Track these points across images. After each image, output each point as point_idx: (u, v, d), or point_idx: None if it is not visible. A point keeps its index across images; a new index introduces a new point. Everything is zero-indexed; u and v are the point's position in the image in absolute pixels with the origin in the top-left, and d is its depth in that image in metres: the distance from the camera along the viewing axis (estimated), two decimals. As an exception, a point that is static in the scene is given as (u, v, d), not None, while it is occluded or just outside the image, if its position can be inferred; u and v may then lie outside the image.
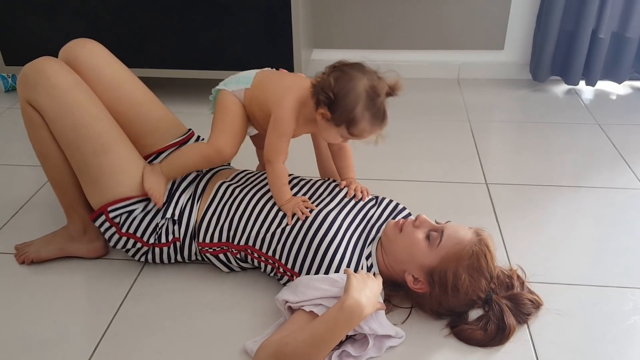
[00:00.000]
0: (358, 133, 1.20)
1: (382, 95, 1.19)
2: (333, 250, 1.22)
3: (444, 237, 1.20)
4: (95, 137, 1.31)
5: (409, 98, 2.43)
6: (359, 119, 1.17)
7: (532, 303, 1.25)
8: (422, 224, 1.24)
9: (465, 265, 1.17)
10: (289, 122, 1.27)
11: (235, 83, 1.36)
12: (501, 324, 1.19)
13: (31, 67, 1.31)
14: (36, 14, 2.20)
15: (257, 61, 2.21)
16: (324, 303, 1.14)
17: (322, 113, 1.20)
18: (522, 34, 2.52)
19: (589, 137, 2.09)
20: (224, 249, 1.35)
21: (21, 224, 1.63)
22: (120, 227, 1.35)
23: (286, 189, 1.32)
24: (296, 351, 1.07)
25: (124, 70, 1.45)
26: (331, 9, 2.49)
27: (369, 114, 1.18)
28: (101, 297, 1.36)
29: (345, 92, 1.16)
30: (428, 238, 1.21)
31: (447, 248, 1.19)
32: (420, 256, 1.21)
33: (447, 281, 1.18)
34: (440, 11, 2.46)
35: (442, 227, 1.22)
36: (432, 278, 1.20)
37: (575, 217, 1.64)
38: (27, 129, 1.36)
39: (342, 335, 1.10)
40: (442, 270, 1.18)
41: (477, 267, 1.18)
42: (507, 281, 1.29)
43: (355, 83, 1.16)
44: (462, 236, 1.20)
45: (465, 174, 1.86)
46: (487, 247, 1.19)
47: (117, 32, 2.14)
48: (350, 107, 1.16)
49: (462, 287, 1.18)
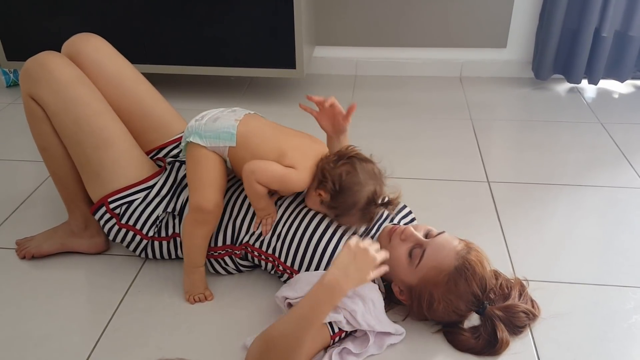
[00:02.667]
0: (342, 222, 1.25)
1: (378, 204, 1.22)
2: (332, 247, 1.22)
3: (424, 257, 1.17)
4: (96, 132, 1.31)
5: (412, 96, 2.44)
6: (350, 215, 1.22)
7: (526, 315, 1.22)
8: (407, 238, 1.21)
9: (441, 291, 1.16)
10: (302, 182, 1.24)
11: (215, 138, 1.23)
12: (492, 339, 1.17)
13: (34, 61, 1.31)
14: (38, 9, 2.19)
15: (259, 58, 2.21)
16: None
17: (320, 195, 1.22)
18: (525, 32, 2.51)
19: (591, 136, 2.08)
20: (228, 252, 1.35)
21: (22, 219, 1.63)
22: (120, 219, 1.35)
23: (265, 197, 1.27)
24: (282, 332, 1.07)
25: (126, 66, 1.44)
26: (334, 6, 2.49)
27: (360, 215, 1.22)
28: (102, 293, 1.36)
29: (350, 192, 1.19)
30: (410, 254, 1.20)
31: (426, 270, 1.17)
32: (400, 272, 1.20)
33: (422, 301, 1.18)
34: (443, 9, 2.46)
35: (426, 243, 1.19)
36: (412, 294, 1.21)
37: (577, 215, 1.63)
38: (29, 122, 1.36)
39: (325, 311, 1.07)
40: (419, 290, 1.18)
41: (454, 291, 1.15)
42: (506, 291, 1.28)
43: (362, 187, 1.19)
44: (442, 258, 1.16)
45: (467, 172, 1.86)
46: (468, 270, 1.14)
47: (120, 28, 2.14)
48: (349, 204, 1.20)
49: (437, 308, 1.17)
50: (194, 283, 1.33)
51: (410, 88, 2.52)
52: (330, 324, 1.14)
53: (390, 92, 2.48)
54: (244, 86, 2.52)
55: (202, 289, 1.33)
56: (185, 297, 1.33)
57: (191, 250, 1.31)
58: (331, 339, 1.15)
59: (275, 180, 1.22)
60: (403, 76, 2.63)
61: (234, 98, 2.39)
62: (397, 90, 2.50)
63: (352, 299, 1.14)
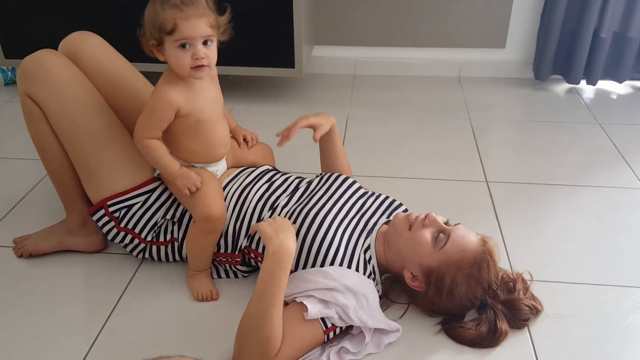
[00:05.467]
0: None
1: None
2: (327, 245, 1.22)
3: (449, 241, 1.19)
4: (94, 132, 1.30)
5: (410, 96, 2.44)
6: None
7: (529, 309, 1.24)
8: (431, 223, 1.23)
9: (464, 273, 1.17)
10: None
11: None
12: (493, 327, 1.19)
13: (31, 60, 1.30)
14: (36, 7, 2.19)
15: (258, 57, 2.21)
16: (315, 294, 1.14)
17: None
18: (523, 32, 2.52)
19: (589, 137, 2.08)
20: (229, 260, 1.35)
21: (20, 217, 1.63)
22: (119, 222, 1.35)
23: (168, 159, 1.25)
24: (248, 313, 1.11)
25: (124, 63, 1.44)
26: (333, 6, 2.49)
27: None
28: (99, 292, 1.36)
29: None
30: (434, 238, 1.21)
31: (450, 253, 1.18)
32: (422, 255, 1.21)
33: (443, 285, 1.18)
34: (442, 9, 2.46)
35: (450, 229, 1.22)
36: (429, 279, 1.20)
37: (576, 216, 1.63)
38: (27, 122, 1.35)
39: (282, 281, 1.10)
40: (441, 273, 1.18)
41: (476, 277, 1.18)
42: (510, 285, 1.29)
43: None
44: (467, 243, 1.19)
45: (466, 172, 1.86)
46: (490, 257, 1.19)
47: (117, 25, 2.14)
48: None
49: (457, 293, 1.18)
50: (202, 282, 1.34)
51: (409, 88, 2.52)
52: (322, 320, 1.14)
53: (389, 92, 2.49)
54: (243, 85, 2.52)
55: (209, 287, 1.34)
56: (193, 296, 1.33)
57: (200, 258, 1.33)
58: (324, 334, 1.15)
59: (146, 112, 1.20)
60: (402, 76, 2.63)
61: (233, 97, 2.39)
62: (395, 90, 2.50)
63: (344, 294, 1.14)
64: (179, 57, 1.14)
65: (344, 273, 1.18)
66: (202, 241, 1.30)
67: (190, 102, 1.21)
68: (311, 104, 2.36)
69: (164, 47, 1.15)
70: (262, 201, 1.33)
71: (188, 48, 1.14)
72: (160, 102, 1.19)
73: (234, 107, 2.28)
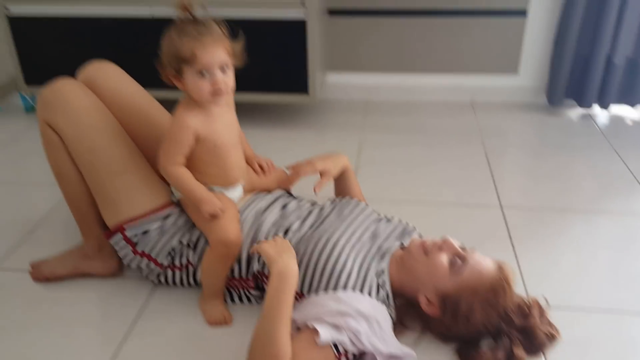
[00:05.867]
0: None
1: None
2: (339, 270, 1.22)
3: (466, 266, 1.19)
4: (111, 159, 1.33)
5: (423, 121, 2.45)
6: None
7: (546, 336, 1.22)
8: (448, 248, 1.23)
9: (481, 298, 1.17)
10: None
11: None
12: (509, 353, 1.17)
13: (50, 89, 1.34)
14: (56, 35, 2.24)
15: (272, 83, 2.24)
16: (327, 319, 1.13)
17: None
18: (536, 58, 2.53)
19: (604, 162, 2.07)
20: (243, 285, 1.36)
21: (37, 241, 1.65)
22: (136, 246, 1.36)
23: (195, 184, 1.26)
24: (257, 332, 1.11)
25: (140, 92, 1.47)
26: (346, 33, 2.52)
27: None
28: (114, 316, 1.37)
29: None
30: (450, 263, 1.21)
31: (467, 278, 1.18)
32: (438, 280, 1.20)
33: (459, 310, 1.18)
34: (455, 35, 2.48)
35: (467, 255, 1.22)
36: (445, 304, 1.19)
37: (592, 242, 1.62)
38: (46, 149, 1.38)
39: (288, 300, 1.12)
40: (457, 298, 1.18)
41: (493, 302, 1.17)
42: (526, 311, 1.27)
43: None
44: (484, 268, 1.19)
45: (480, 197, 1.85)
46: (507, 283, 1.18)
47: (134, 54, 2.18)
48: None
49: (473, 318, 1.17)
50: (215, 307, 1.35)
51: (421, 113, 2.53)
52: (335, 345, 1.13)
53: (402, 117, 2.50)
54: (257, 111, 2.55)
55: (223, 312, 1.34)
56: (207, 321, 1.34)
57: (214, 283, 1.33)
58: (337, 358, 1.14)
59: (168, 141, 1.23)
60: (415, 101, 2.64)
61: (248, 122, 2.40)
62: (408, 115, 2.52)
63: (356, 320, 1.13)
64: (199, 85, 1.17)
65: (356, 297, 1.18)
66: (216, 266, 1.31)
67: (207, 127, 1.23)
68: (324, 129, 2.38)
69: (184, 76, 1.18)
70: (275, 226, 1.34)
71: (207, 76, 1.16)
72: (179, 129, 1.22)
73: (248, 133, 2.29)
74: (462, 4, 2.41)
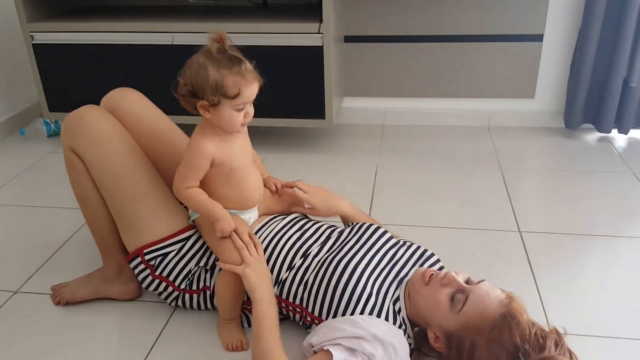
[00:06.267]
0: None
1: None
2: (358, 294, 1.22)
3: (467, 302, 1.16)
4: (134, 185, 1.35)
5: (440, 145, 2.45)
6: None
7: None
8: (449, 283, 1.20)
9: (484, 337, 1.13)
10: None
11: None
12: None
13: (75, 115, 1.36)
14: (79, 62, 2.30)
15: (290, 108, 2.27)
16: (343, 342, 1.13)
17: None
18: (552, 82, 2.53)
19: (623, 186, 2.06)
20: None
21: (58, 265, 1.67)
22: (155, 270, 1.37)
23: (210, 203, 1.29)
24: (254, 354, 1.22)
25: (162, 118, 1.50)
26: (362, 58, 2.55)
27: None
28: (133, 339, 1.37)
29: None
30: (452, 299, 1.19)
31: (469, 316, 1.15)
32: (440, 317, 1.18)
33: (463, 349, 1.15)
34: (471, 60, 2.50)
35: (469, 290, 1.18)
36: (450, 342, 1.18)
37: (612, 267, 1.60)
38: (69, 174, 1.41)
39: (272, 319, 1.23)
40: (461, 337, 1.15)
41: (498, 340, 1.12)
42: (541, 342, 1.24)
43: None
44: (487, 305, 1.15)
45: (498, 221, 1.84)
46: (512, 318, 1.13)
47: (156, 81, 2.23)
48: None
49: (478, 358, 1.14)
50: (232, 331, 1.35)
51: (438, 137, 2.54)
52: None
53: (419, 141, 2.51)
54: (275, 135, 2.58)
55: (239, 337, 1.34)
56: (224, 345, 1.34)
57: (229, 306, 1.34)
58: None
59: (184, 165, 1.26)
60: (431, 126, 2.65)
61: (265, 147, 2.44)
62: (425, 139, 2.52)
63: (371, 343, 1.13)
64: (234, 118, 1.21)
65: (372, 322, 1.17)
66: (230, 288, 1.31)
67: (223, 151, 1.26)
68: (341, 153, 2.40)
69: (219, 108, 1.20)
70: (294, 249, 1.34)
71: (242, 109, 1.21)
72: (196, 154, 1.24)
73: (266, 157, 2.33)
74: (477, 30, 2.43)
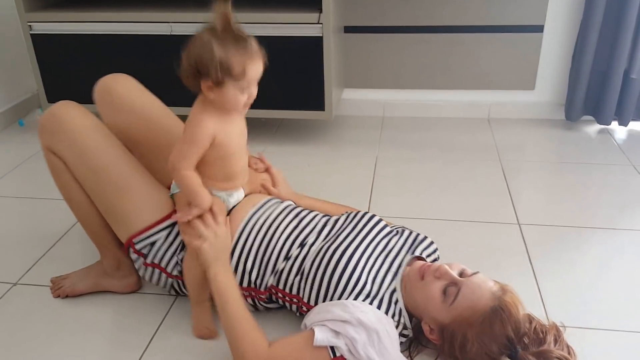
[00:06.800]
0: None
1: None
2: (353, 283, 1.22)
3: (459, 295, 1.17)
4: (115, 179, 1.33)
5: (439, 137, 2.45)
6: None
7: None
8: (442, 276, 1.21)
9: (475, 331, 1.15)
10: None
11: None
12: None
13: (47, 114, 1.33)
14: (78, 52, 2.29)
15: (289, 100, 2.26)
16: (328, 324, 1.15)
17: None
18: (552, 74, 2.52)
19: (623, 178, 2.06)
20: (252, 294, 1.36)
21: (57, 257, 1.67)
22: (146, 258, 1.37)
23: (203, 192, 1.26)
24: (224, 329, 1.23)
25: (154, 100, 1.48)
26: (362, 50, 2.54)
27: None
28: (133, 331, 1.38)
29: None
30: (444, 292, 1.19)
31: (461, 308, 1.16)
32: (433, 310, 1.20)
33: (454, 341, 1.17)
34: (471, 51, 2.49)
35: (462, 282, 1.19)
36: (443, 334, 1.20)
37: (611, 259, 1.60)
38: (52, 175, 1.38)
39: (233, 291, 1.23)
40: (453, 329, 1.17)
41: (488, 333, 1.14)
42: (541, 336, 1.25)
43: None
44: (478, 298, 1.16)
45: (497, 213, 1.84)
46: (504, 311, 1.14)
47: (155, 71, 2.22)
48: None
49: (470, 349, 1.16)
50: (199, 317, 1.35)
51: (438, 129, 2.54)
52: (332, 348, 1.14)
53: (418, 133, 2.50)
54: (275, 127, 2.57)
55: (207, 324, 1.34)
56: (193, 332, 1.34)
57: (193, 287, 1.33)
58: None
59: (185, 142, 1.21)
60: (431, 117, 2.65)
61: (265, 138, 2.43)
62: (425, 131, 2.52)
63: (355, 328, 1.14)
64: (238, 98, 1.17)
65: (361, 308, 1.18)
66: (195, 267, 1.29)
67: (223, 132, 1.22)
68: (340, 145, 2.39)
69: (223, 88, 1.15)
70: (291, 239, 1.33)
71: (246, 90, 1.17)
72: (199, 131, 1.20)
73: (266, 149, 2.32)
74: (477, 21, 2.42)
